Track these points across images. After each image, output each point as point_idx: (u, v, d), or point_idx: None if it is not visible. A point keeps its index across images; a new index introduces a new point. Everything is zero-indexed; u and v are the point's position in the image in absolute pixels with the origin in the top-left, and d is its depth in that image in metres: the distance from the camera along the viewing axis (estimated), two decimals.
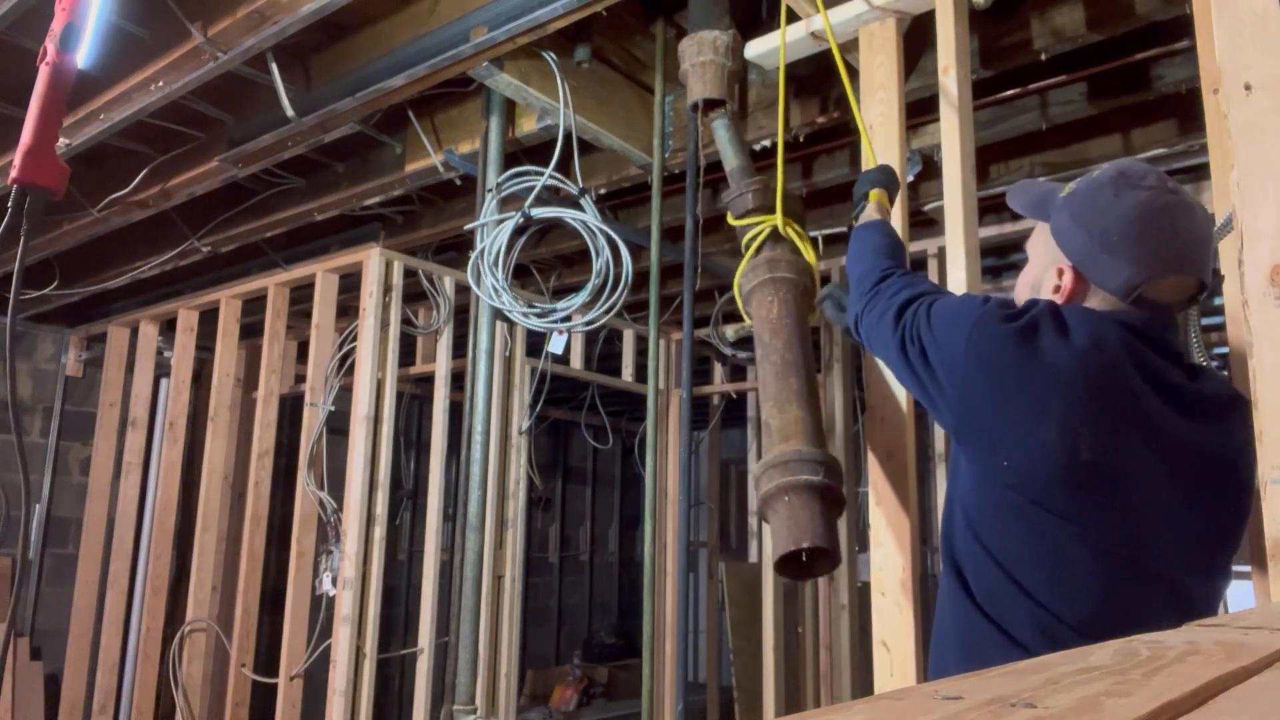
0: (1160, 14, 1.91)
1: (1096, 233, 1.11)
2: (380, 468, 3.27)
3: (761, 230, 1.65)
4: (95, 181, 3.14)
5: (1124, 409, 1.06)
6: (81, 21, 1.59)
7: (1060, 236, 1.16)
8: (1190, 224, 1.11)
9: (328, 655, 3.14)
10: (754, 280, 1.63)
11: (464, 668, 2.52)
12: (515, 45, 2.09)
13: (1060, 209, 1.17)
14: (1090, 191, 1.14)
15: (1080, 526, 1.04)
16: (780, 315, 1.58)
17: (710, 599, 5.60)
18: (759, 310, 1.62)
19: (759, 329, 1.60)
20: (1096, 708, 0.37)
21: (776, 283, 1.61)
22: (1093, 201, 1.13)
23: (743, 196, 1.68)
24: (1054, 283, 1.16)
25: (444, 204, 3.40)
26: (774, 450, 1.46)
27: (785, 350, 1.54)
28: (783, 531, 1.37)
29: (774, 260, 1.63)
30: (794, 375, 1.53)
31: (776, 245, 1.66)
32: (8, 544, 4.46)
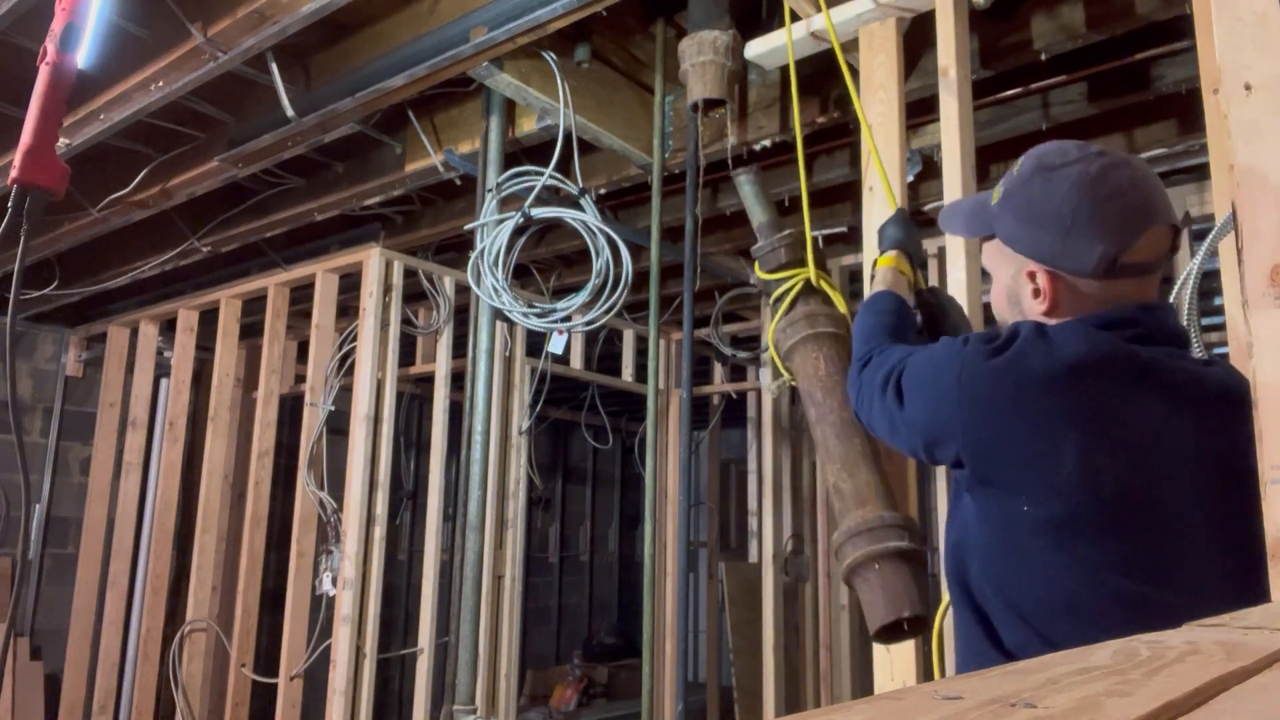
0: (1160, 14, 1.91)
1: (1050, 224, 1.05)
2: (380, 468, 3.27)
3: (795, 284, 1.64)
4: (95, 181, 3.14)
5: (1138, 427, 0.98)
6: (81, 21, 1.58)
7: (1015, 243, 1.10)
8: (1135, 175, 1.06)
9: (328, 655, 3.14)
10: (794, 336, 1.62)
11: (464, 668, 2.52)
12: (515, 45, 2.09)
13: (1001, 216, 1.12)
14: (1022, 188, 1.09)
15: (1116, 572, 0.94)
16: (829, 372, 1.56)
17: (710, 599, 5.60)
18: (804, 367, 1.60)
19: (809, 387, 1.59)
20: (1096, 708, 0.37)
21: (820, 338, 1.60)
22: (1029, 196, 1.08)
23: (775, 251, 1.67)
24: (1030, 288, 1.09)
25: (444, 204, 3.40)
26: (852, 516, 1.46)
27: (842, 409, 1.52)
28: (880, 601, 1.38)
29: (813, 315, 1.61)
30: (856, 435, 1.52)
31: (811, 299, 1.65)
32: (8, 544, 4.46)
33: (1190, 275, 1.34)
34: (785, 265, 1.66)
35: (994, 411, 1.00)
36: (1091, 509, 0.95)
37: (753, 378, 4.64)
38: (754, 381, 4.57)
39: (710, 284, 4.04)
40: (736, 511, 6.86)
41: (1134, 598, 0.94)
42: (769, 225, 1.71)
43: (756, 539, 4.70)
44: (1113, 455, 0.96)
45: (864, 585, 1.41)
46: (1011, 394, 0.99)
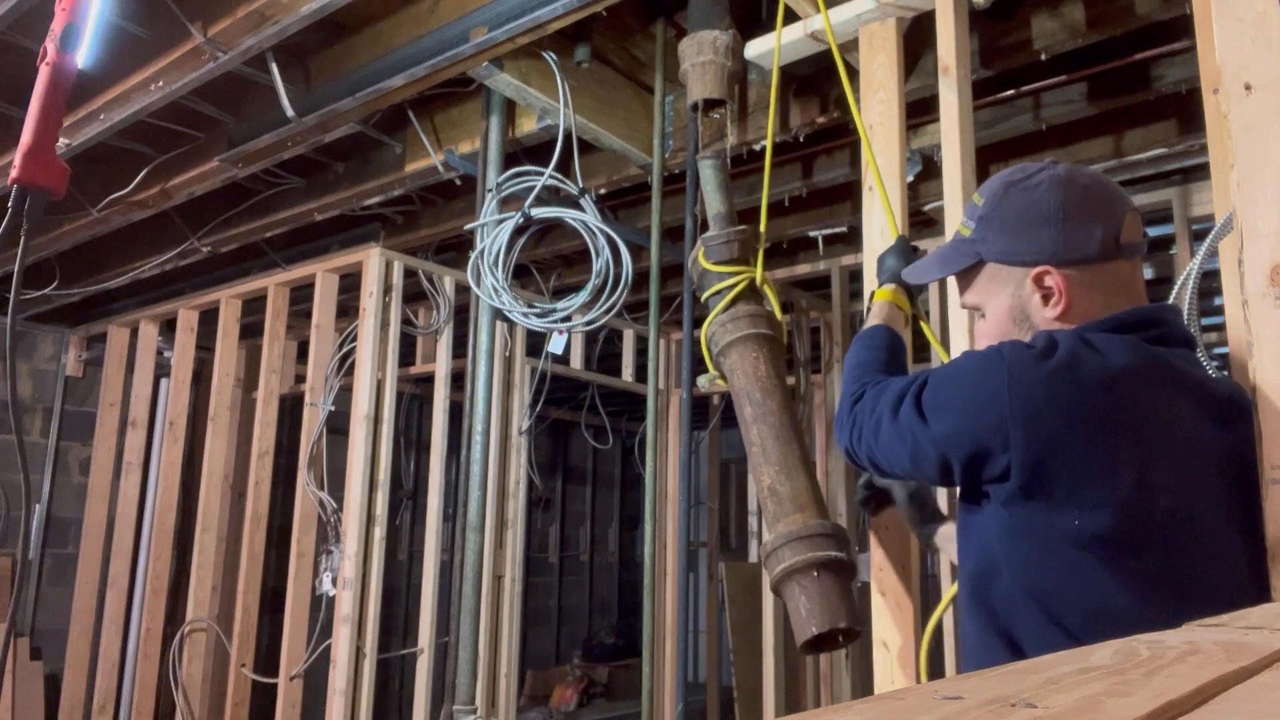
0: (1160, 14, 1.91)
1: (1043, 221, 1.05)
2: (380, 468, 3.27)
3: (740, 282, 1.64)
4: (95, 181, 3.14)
5: (1181, 438, 0.97)
6: (81, 21, 1.58)
7: (1010, 254, 1.08)
8: (1092, 172, 1.10)
9: (328, 655, 3.14)
10: (735, 334, 1.61)
11: (464, 668, 2.52)
12: (515, 45, 2.09)
13: (984, 240, 1.10)
14: (999, 205, 1.09)
15: (1164, 588, 0.92)
16: (769, 375, 1.56)
17: (710, 599, 5.60)
18: (743, 366, 1.59)
19: (747, 386, 1.57)
20: (1097, 708, 0.37)
21: (760, 340, 1.59)
22: (1010, 208, 1.08)
23: (729, 244, 1.66)
24: (1038, 295, 1.06)
25: (444, 204, 3.40)
26: (789, 520, 1.46)
27: (781, 413, 1.52)
28: (817, 610, 1.37)
29: (755, 316, 1.61)
30: (795, 441, 1.52)
31: (752, 299, 1.64)
32: (8, 544, 4.46)
33: (1190, 275, 1.34)
34: (733, 260, 1.66)
35: (1054, 417, 0.94)
36: (1144, 523, 0.93)
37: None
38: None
39: None
40: (736, 511, 6.86)
41: (1180, 612, 0.92)
42: (724, 216, 1.71)
43: (756, 539, 4.70)
44: (1165, 468, 0.94)
45: (800, 593, 1.40)
46: (1072, 399, 0.94)
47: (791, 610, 1.41)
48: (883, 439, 1.10)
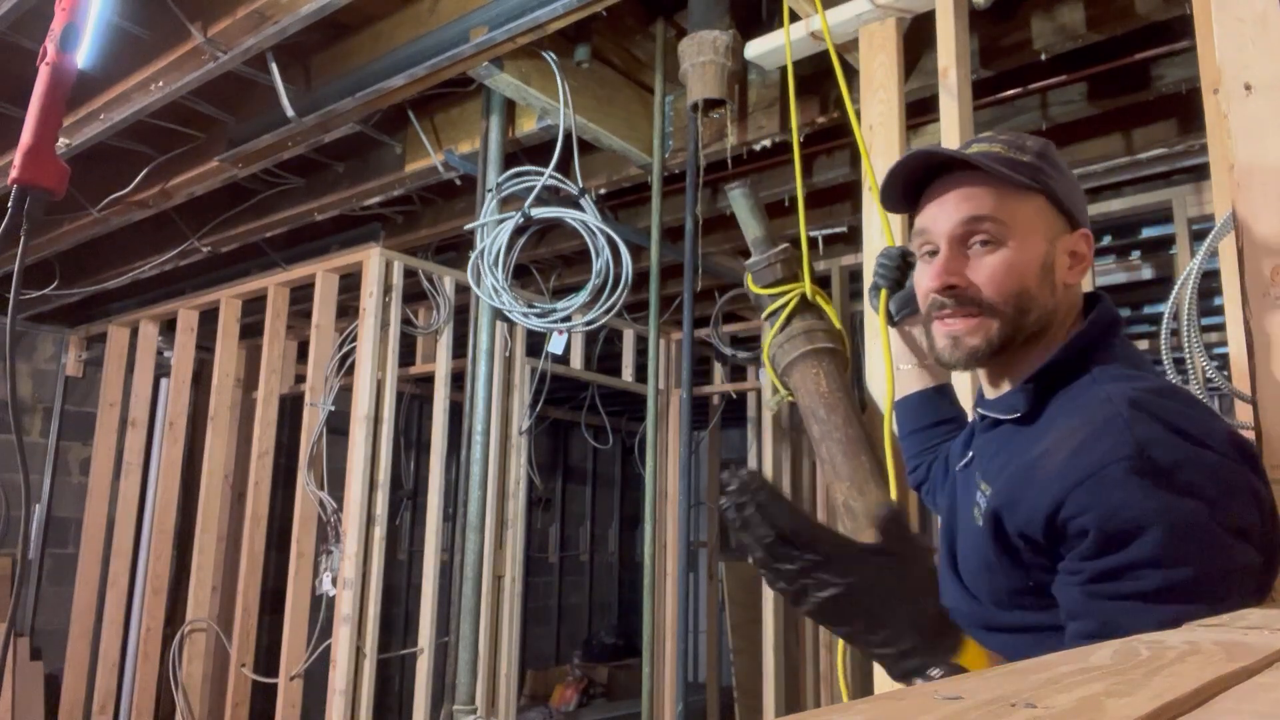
0: (1160, 14, 1.91)
1: (1074, 186, 1.02)
2: (380, 468, 3.27)
3: (791, 300, 1.63)
4: (95, 181, 3.14)
5: None
6: (81, 21, 1.58)
7: (1073, 205, 1.00)
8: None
9: (328, 655, 3.14)
10: (793, 352, 1.61)
11: (464, 668, 2.52)
12: (515, 45, 2.09)
13: (1053, 178, 0.99)
14: (1047, 159, 1.01)
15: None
16: (831, 389, 1.55)
17: (710, 599, 5.60)
18: (805, 384, 1.59)
19: (811, 403, 1.57)
20: (1097, 708, 0.37)
21: (819, 354, 1.58)
22: (1060, 167, 1.02)
23: (771, 267, 1.65)
24: (1066, 256, 0.99)
25: (444, 204, 3.40)
26: (867, 536, 1.46)
27: (846, 426, 1.51)
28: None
29: (810, 331, 1.60)
30: (864, 453, 1.50)
31: (807, 314, 1.63)
32: (8, 544, 4.46)
33: (1190, 275, 1.34)
34: (780, 281, 1.65)
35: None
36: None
37: (752, 378, 4.64)
38: (754, 381, 4.57)
39: (710, 284, 4.04)
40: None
41: None
42: (763, 240, 1.70)
43: None
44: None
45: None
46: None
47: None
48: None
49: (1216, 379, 1.31)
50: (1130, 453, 0.81)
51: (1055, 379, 0.96)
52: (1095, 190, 3.00)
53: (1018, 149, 0.99)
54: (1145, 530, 0.79)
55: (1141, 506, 0.79)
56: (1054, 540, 0.85)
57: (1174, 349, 1.27)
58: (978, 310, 0.98)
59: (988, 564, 0.93)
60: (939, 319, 1.01)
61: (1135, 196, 2.96)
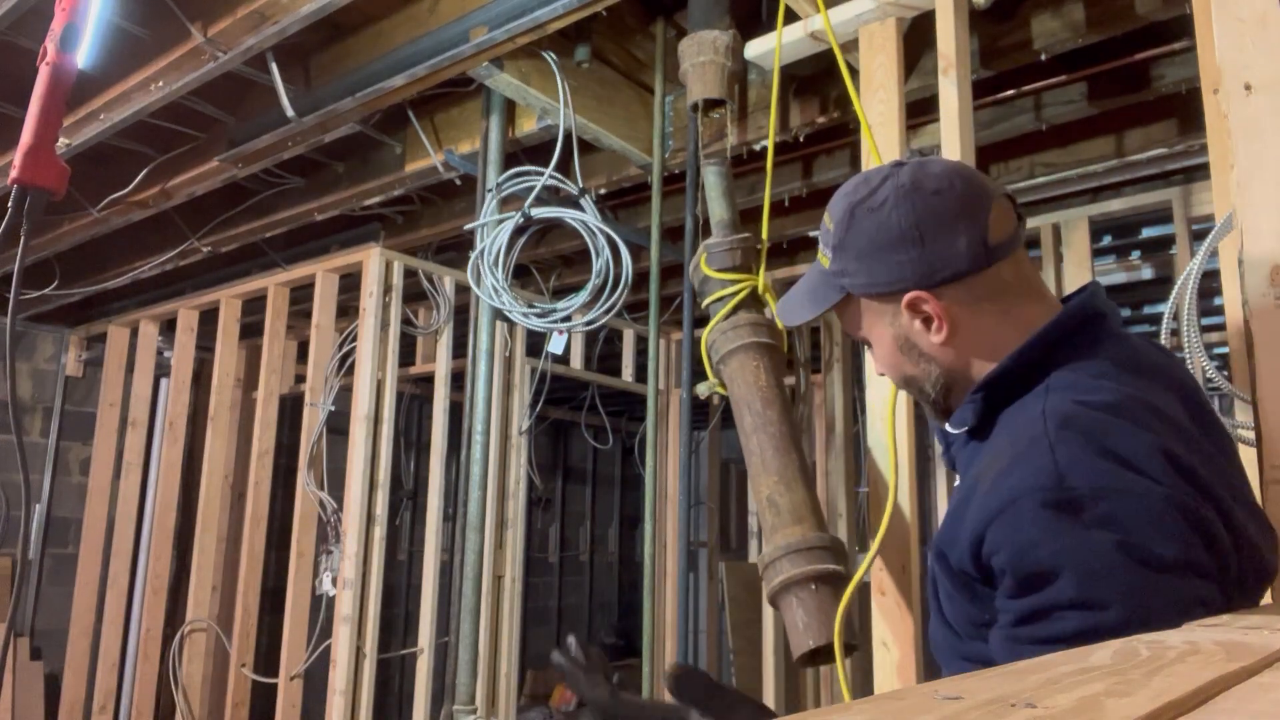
0: (1160, 14, 1.91)
1: (899, 247, 0.93)
2: (380, 468, 3.27)
3: (742, 290, 1.63)
4: (95, 181, 3.14)
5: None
6: (81, 21, 1.58)
7: (875, 285, 0.96)
8: (942, 168, 0.96)
9: (328, 655, 3.14)
10: (735, 341, 1.60)
11: (464, 668, 2.52)
12: (515, 45, 2.09)
13: (844, 271, 0.98)
14: (849, 231, 0.98)
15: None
16: (770, 384, 1.54)
17: (710, 599, 5.59)
18: (744, 375, 1.58)
19: (747, 395, 1.56)
20: (1097, 708, 0.37)
21: (761, 349, 1.58)
22: (861, 234, 0.96)
23: (732, 251, 1.65)
24: (919, 321, 0.94)
25: (444, 204, 3.40)
26: (787, 532, 1.45)
27: (781, 422, 1.50)
28: (815, 623, 1.36)
29: (756, 325, 1.60)
30: (794, 450, 1.50)
31: (754, 308, 1.63)
32: (8, 544, 4.46)
33: (1190, 275, 1.34)
34: (736, 268, 1.65)
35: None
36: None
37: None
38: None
39: None
40: (736, 511, 6.86)
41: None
42: (728, 224, 1.70)
43: (756, 539, 4.70)
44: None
45: (797, 605, 1.39)
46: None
47: (788, 623, 1.40)
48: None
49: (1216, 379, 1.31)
50: (1046, 482, 0.77)
51: (1007, 389, 0.91)
52: (1095, 190, 3.00)
53: (834, 231, 1.01)
54: (1060, 571, 0.75)
55: (1052, 546, 0.75)
56: (983, 576, 0.82)
57: (1174, 349, 1.27)
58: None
59: (949, 595, 0.91)
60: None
61: (1135, 196, 2.96)
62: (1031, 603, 0.77)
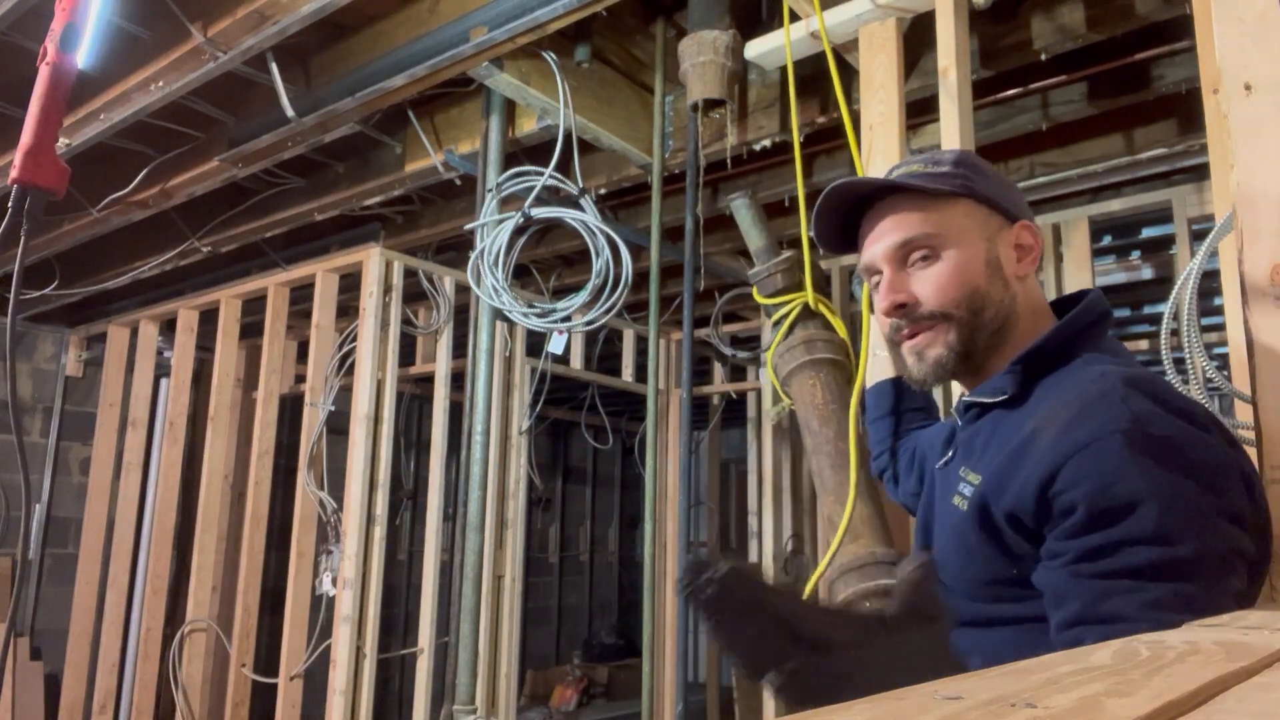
0: (1160, 14, 1.91)
1: (1009, 185, 1.07)
2: (380, 468, 3.27)
3: (793, 308, 1.62)
4: (95, 181, 3.14)
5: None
6: (81, 21, 1.58)
7: (1004, 201, 1.03)
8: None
9: (328, 655, 3.14)
10: (793, 362, 1.59)
11: (464, 668, 2.52)
12: (515, 45, 2.09)
13: (974, 180, 1.02)
14: (963, 164, 1.05)
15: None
16: (826, 400, 1.53)
17: None
18: (802, 394, 1.57)
19: (806, 415, 1.55)
20: (1097, 708, 0.37)
21: (817, 364, 1.56)
22: (978, 168, 1.06)
23: (772, 277, 1.64)
24: (1012, 250, 1.01)
25: (444, 204, 3.40)
26: (844, 552, 1.43)
27: (838, 439, 1.49)
28: None
29: (810, 341, 1.58)
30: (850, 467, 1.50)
31: (809, 323, 1.61)
32: (8, 544, 4.46)
33: (1190, 275, 1.33)
34: (783, 290, 1.64)
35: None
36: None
37: (753, 378, 4.63)
38: (754, 381, 4.57)
39: (710, 284, 4.04)
40: (736, 511, 6.86)
41: None
42: (766, 250, 1.69)
43: (756, 539, 4.70)
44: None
45: None
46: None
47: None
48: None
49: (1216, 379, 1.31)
50: (1127, 425, 0.80)
51: (1043, 363, 0.96)
52: (1095, 190, 3.00)
53: (934, 163, 1.03)
54: (1141, 505, 0.77)
55: (1136, 482, 0.78)
56: (1041, 519, 0.83)
57: (1174, 349, 1.27)
58: (931, 322, 1.00)
59: (968, 552, 0.92)
60: (899, 340, 1.03)
61: (1135, 196, 2.96)
62: (1103, 537, 0.78)
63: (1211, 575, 0.76)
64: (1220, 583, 0.77)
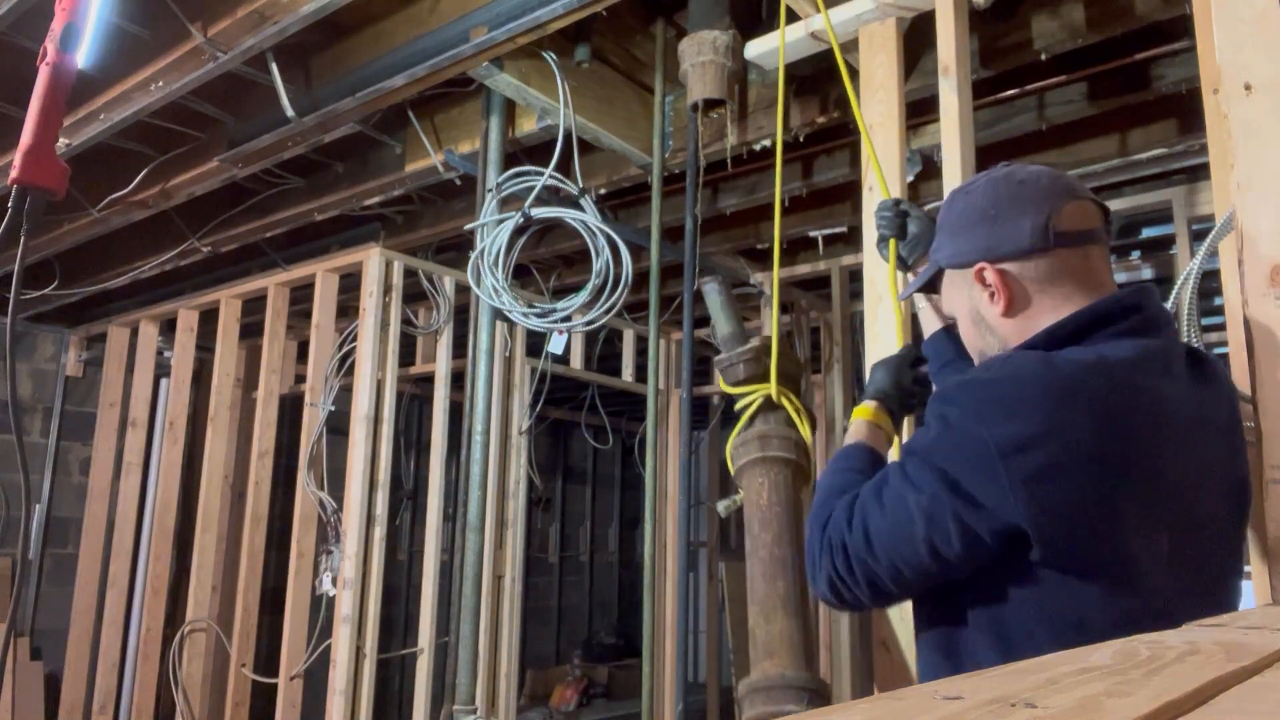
0: (1160, 14, 1.91)
1: (976, 221, 1.06)
2: (380, 468, 3.27)
3: (754, 400, 1.57)
4: (95, 181, 3.14)
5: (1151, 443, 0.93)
6: (81, 21, 1.58)
7: (957, 257, 1.09)
8: (1041, 169, 1.08)
9: (328, 655, 3.14)
10: (745, 457, 1.54)
11: (464, 668, 2.52)
12: (515, 45, 2.09)
13: (941, 248, 1.13)
14: (950, 211, 1.13)
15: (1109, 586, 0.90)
16: (771, 502, 1.48)
17: (710, 599, 5.59)
18: (749, 492, 1.52)
19: (749, 514, 1.50)
20: (1097, 708, 0.37)
21: (769, 463, 1.51)
22: (953, 213, 1.12)
23: (734, 367, 1.61)
24: (984, 294, 1.06)
25: (444, 204, 3.40)
26: (758, 668, 1.39)
27: (774, 545, 1.44)
28: None
29: (765, 437, 1.53)
30: (781, 578, 1.43)
31: (770, 416, 1.56)
32: (8, 544, 4.46)
33: (1190, 275, 1.34)
34: (745, 380, 1.60)
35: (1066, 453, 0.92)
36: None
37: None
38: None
39: None
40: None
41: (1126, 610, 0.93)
42: (731, 337, 1.65)
43: None
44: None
45: None
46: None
47: None
48: (879, 536, 0.96)
49: None
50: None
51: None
52: (1096, 190, 2.99)
53: (939, 215, 1.16)
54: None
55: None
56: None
57: None
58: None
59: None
60: None
61: (1135, 196, 2.96)
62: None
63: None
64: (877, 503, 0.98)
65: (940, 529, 0.91)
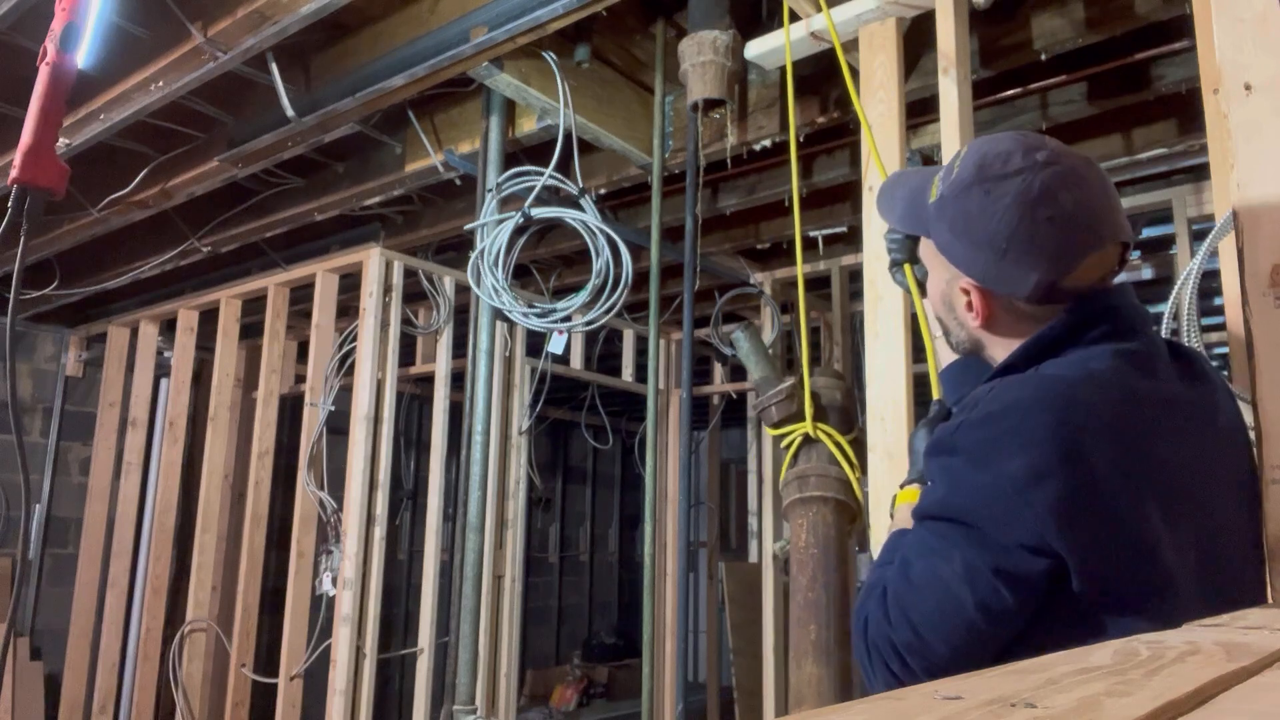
0: (1160, 14, 1.91)
1: (984, 244, 0.95)
2: (380, 468, 3.27)
3: (794, 440, 1.58)
4: (95, 181, 3.14)
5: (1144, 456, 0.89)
6: (81, 21, 1.58)
7: (949, 252, 1.01)
8: (1083, 194, 0.94)
9: (328, 655, 3.14)
10: (789, 497, 1.55)
11: (464, 668, 2.52)
12: (515, 45, 2.09)
13: (937, 221, 1.02)
14: (960, 197, 0.98)
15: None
16: (807, 544, 1.47)
17: (710, 599, 5.59)
18: (792, 533, 1.52)
19: (792, 557, 1.51)
20: (1097, 708, 0.37)
21: (808, 503, 1.52)
22: (966, 209, 0.97)
23: (767, 410, 1.60)
24: (964, 301, 1.01)
25: (444, 204, 3.40)
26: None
27: (808, 589, 1.44)
28: None
29: (804, 477, 1.53)
30: (813, 621, 1.42)
31: (811, 453, 1.56)
32: (8, 544, 4.46)
33: (1190, 275, 1.34)
34: (781, 422, 1.60)
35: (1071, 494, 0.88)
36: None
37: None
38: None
39: (710, 284, 4.04)
40: (736, 511, 6.86)
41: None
42: (765, 380, 1.66)
43: (756, 539, 4.70)
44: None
45: None
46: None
47: None
48: (926, 623, 0.87)
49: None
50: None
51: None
52: None
53: (952, 183, 1.01)
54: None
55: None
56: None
57: None
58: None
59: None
60: None
61: (1135, 196, 2.96)
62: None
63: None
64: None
65: (985, 588, 0.84)
